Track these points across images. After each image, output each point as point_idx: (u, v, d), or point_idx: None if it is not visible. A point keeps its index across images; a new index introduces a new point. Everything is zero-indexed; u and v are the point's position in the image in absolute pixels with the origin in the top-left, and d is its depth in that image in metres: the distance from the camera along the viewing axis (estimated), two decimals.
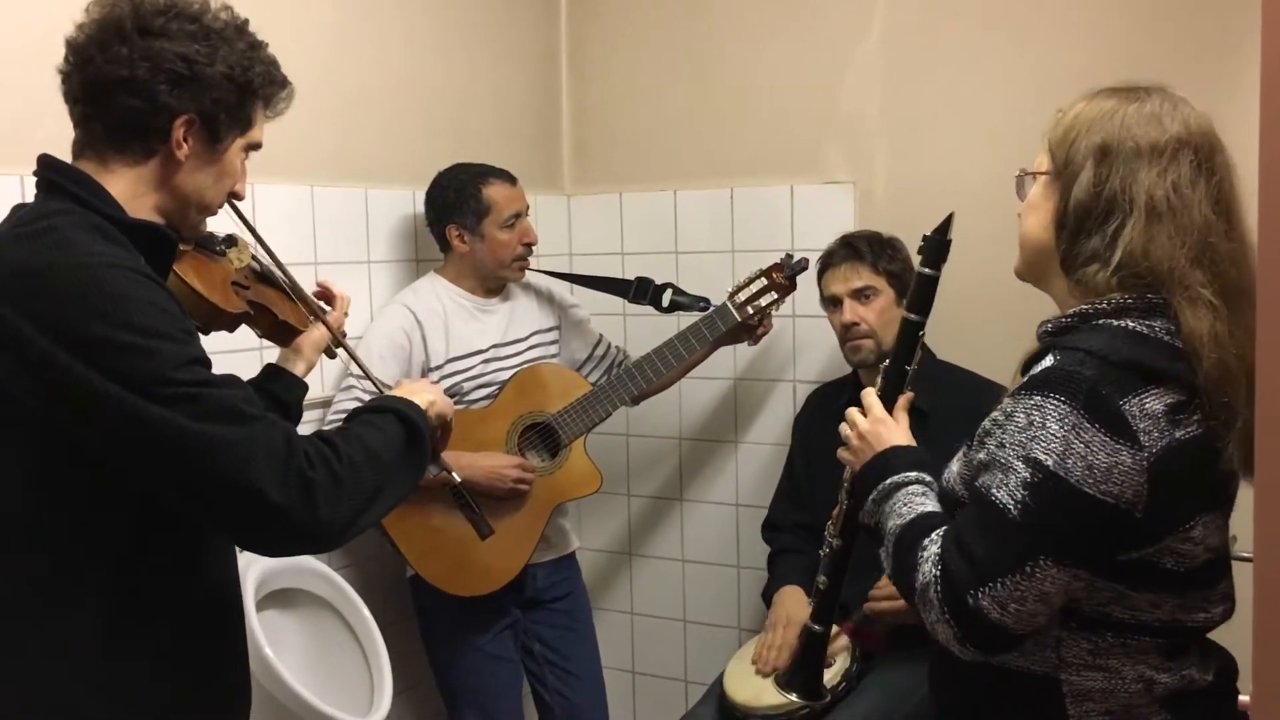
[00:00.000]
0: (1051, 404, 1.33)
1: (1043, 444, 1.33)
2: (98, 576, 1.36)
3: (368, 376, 1.92)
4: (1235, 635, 1.38)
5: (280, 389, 1.80)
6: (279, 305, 1.79)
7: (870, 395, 1.65)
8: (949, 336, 2.47)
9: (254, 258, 1.79)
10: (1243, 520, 1.41)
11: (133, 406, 1.25)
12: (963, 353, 2.51)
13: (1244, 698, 1.44)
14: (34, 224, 1.33)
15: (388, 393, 1.64)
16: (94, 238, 1.32)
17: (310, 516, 1.32)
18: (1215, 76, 2.48)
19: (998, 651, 1.39)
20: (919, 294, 1.65)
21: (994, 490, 1.36)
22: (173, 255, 1.47)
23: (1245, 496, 1.42)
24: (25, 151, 1.51)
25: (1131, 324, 1.37)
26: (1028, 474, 1.33)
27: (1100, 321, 1.39)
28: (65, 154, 1.44)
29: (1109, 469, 1.30)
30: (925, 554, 1.40)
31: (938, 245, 1.63)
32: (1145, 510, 1.32)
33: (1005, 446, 1.37)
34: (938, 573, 1.37)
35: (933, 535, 1.41)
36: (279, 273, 1.80)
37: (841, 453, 1.65)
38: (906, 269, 2.60)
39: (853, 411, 1.65)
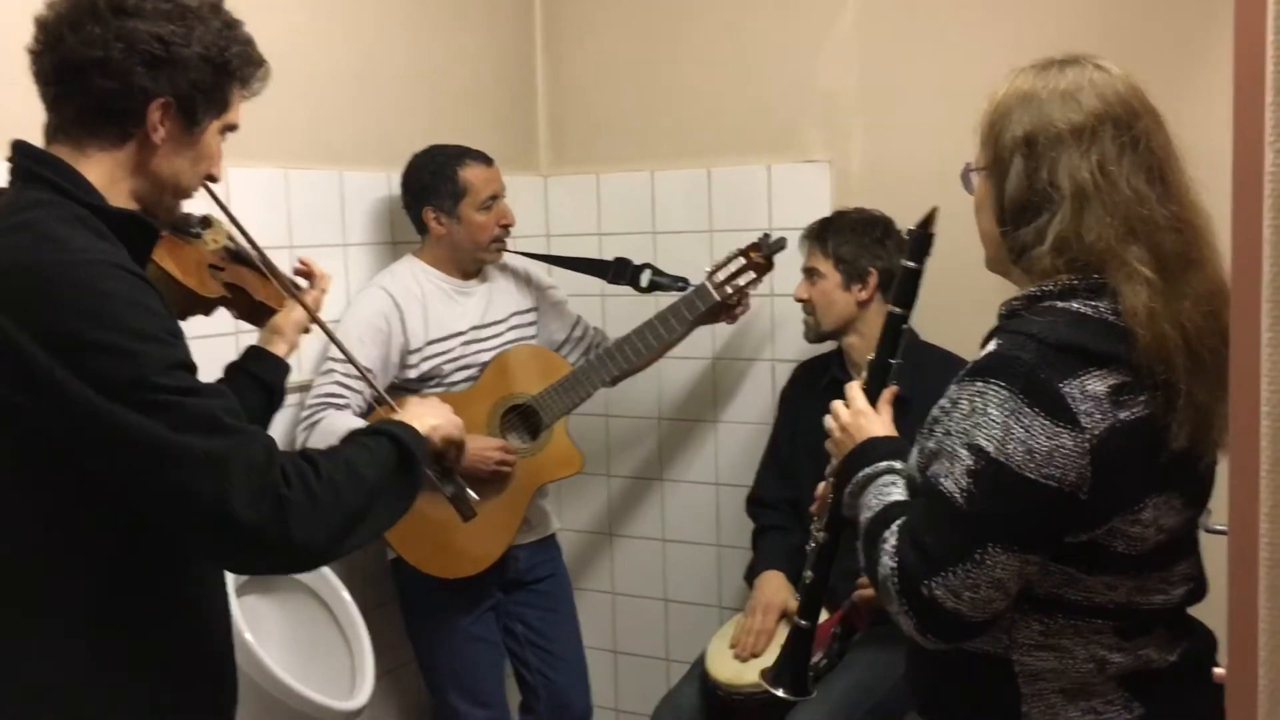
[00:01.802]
0: (992, 389, 1.33)
1: (984, 430, 1.32)
2: (86, 579, 1.33)
3: (347, 358, 1.91)
4: (1220, 609, 1.38)
5: (263, 370, 1.77)
6: (255, 286, 1.76)
7: (853, 387, 1.64)
8: (930, 317, 2.47)
9: (229, 238, 1.75)
10: (1218, 491, 1.43)
11: (109, 412, 1.22)
12: (944, 333, 2.52)
13: (1219, 670, 1.45)
14: (15, 217, 1.30)
15: (393, 416, 1.59)
16: (78, 231, 1.29)
17: (282, 537, 1.28)
18: (1194, 48, 2.49)
19: (958, 639, 1.39)
20: (901, 287, 1.64)
21: (942, 479, 1.36)
22: (153, 244, 1.44)
23: (1221, 467, 1.43)
24: None
25: (1076, 305, 1.37)
26: (971, 461, 1.33)
27: (1046, 304, 1.39)
28: (35, 136, 1.41)
29: (1050, 452, 1.29)
30: (885, 546, 1.40)
31: (920, 239, 1.61)
32: (1090, 492, 1.31)
33: (951, 434, 1.37)
34: (894, 564, 1.38)
35: (893, 526, 1.41)
36: (255, 252, 1.75)
37: (828, 444, 1.65)
38: (863, 254, 2.60)
39: (836, 404, 1.63)
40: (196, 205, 1.62)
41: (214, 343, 2.24)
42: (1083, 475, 1.30)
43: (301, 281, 1.91)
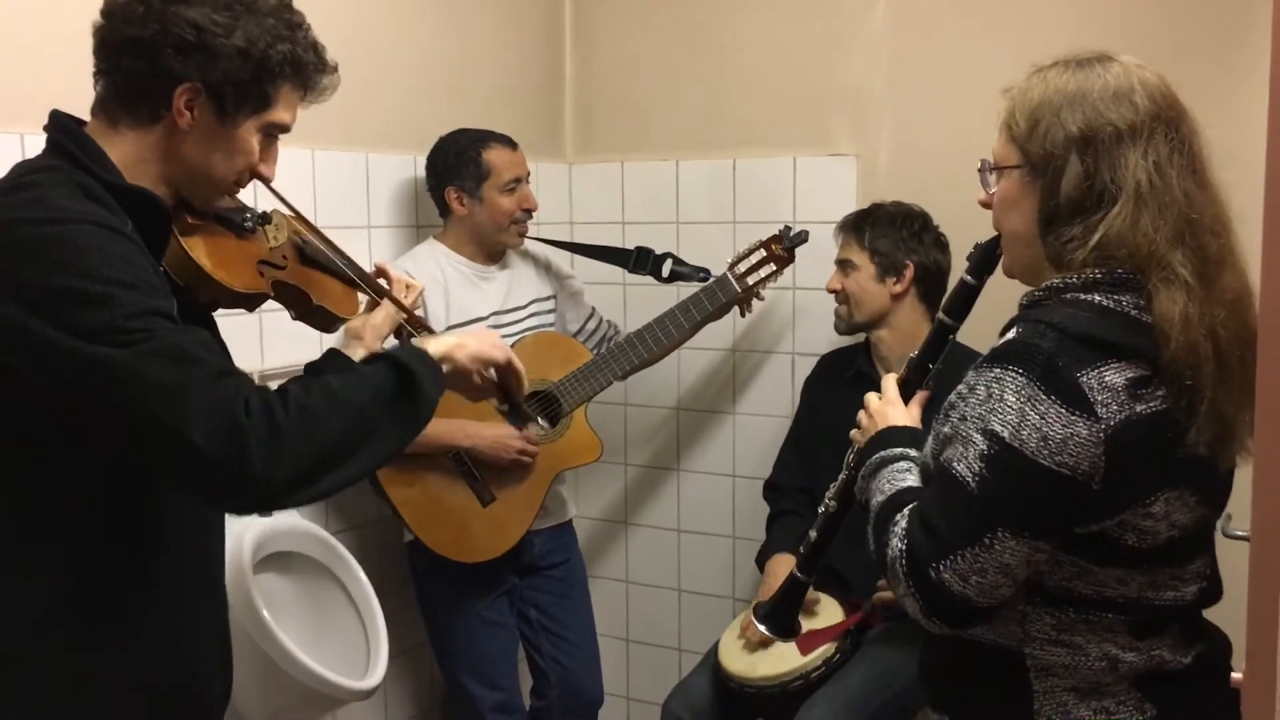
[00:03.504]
0: (1009, 376, 1.34)
1: (999, 416, 1.33)
2: (50, 576, 1.32)
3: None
4: (1234, 614, 1.38)
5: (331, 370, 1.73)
6: (319, 288, 1.71)
7: (889, 380, 1.65)
8: None
9: (297, 235, 1.72)
10: (1239, 497, 1.42)
11: (77, 349, 1.20)
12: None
13: (1236, 675, 1.45)
14: (22, 178, 1.32)
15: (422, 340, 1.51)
16: (75, 196, 1.29)
17: (242, 469, 1.21)
18: (1223, 45, 2.47)
19: (963, 624, 1.40)
20: (956, 300, 1.63)
21: (954, 463, 1.36)
22: (167, 225, 1.42)
23: (1242, 474, 1.42)
24: (24, 110, 1.49)
25: (1099, 298, 1.37)
26: (985, 446, 1.33)
27: (1069, 295, 1.39)
28: (77, 111, 1.42)
29: (1064, 440, 1.30)
30: (895, 529, 1.41)
31: (985, 258, 1.58)
32: (1103, 482, 1.32)
33: (966, 419, 1.37)
34: (903, 547, 1.38)
35: (904, 510, 1.42)
36: (327, 254, 1.71)
37: (854, 433, 1.66)
38: (900, 248, 2.59)
39: (870, 395, 1.65)
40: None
41: (235, 321, 2.25)
42: (1096, 465, 1.31)
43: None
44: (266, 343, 2.44)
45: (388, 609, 2.35)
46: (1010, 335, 1.41)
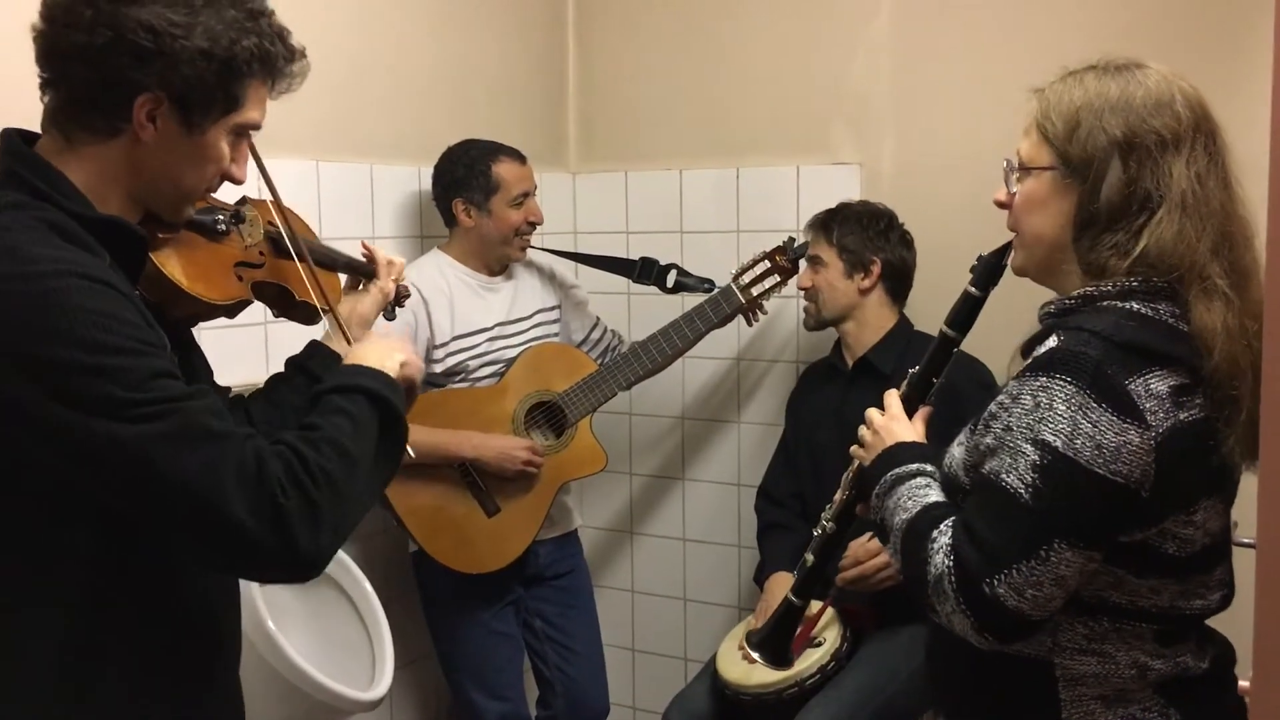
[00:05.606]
0: (1058, 384, 1.32)
1: (1050, 425, 1.32)
2: (63, 588, 1.25)
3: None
4: (1237, 624, 1.38)
5: (315, 366, 1.66)
6: (299, 283, 1.64)
7: (891, 395, 1.63)
8: (937, 312, 2.47)
9: (272, 227, 1.63)
10: (1244, 505, 1.42)
11: (88, 429, 1.13)
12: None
13: (1244, 683, 1.44)
14: None
15: (353, 355, 1.45)
16: (44, 239, 1.18)
17: (288, 549, 1.20)
18: (1228, 52, 2.47)
19: (1015, 639, 1.38)
20: (959, 312, 1.61)
21: (1003, 475, 1.34)
22: (144, 252, 1.33)
23: (1247, 482, 1.42)
24: None
25: (1136, 306, 1.37)
26: (1037, 456, 1.32)
27: (1105, 303, 1.39)
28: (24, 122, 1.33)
29: (1118, 448, 1.29)
30: (936, 545, 1.38)
31: (990, 269, 1.56)
32: (1151, 490, 1.31)
33: (1012, 430, 1.35)
34: (950, 563, 1.36)
35: (942, 526, 1.40)
36: (304, 243, 1.63)
37: (855, 449, 1.64)
38: (867, 245, 2.64)
39: (871, 410, 1.63)
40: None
41: (241, 333, 2.25)
42: (1146, 473, 1.31)
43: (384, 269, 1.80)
44: (272, 353, 2.44)
45: (393, 619, 2.35)
46: (1051, 343, 1.39)
